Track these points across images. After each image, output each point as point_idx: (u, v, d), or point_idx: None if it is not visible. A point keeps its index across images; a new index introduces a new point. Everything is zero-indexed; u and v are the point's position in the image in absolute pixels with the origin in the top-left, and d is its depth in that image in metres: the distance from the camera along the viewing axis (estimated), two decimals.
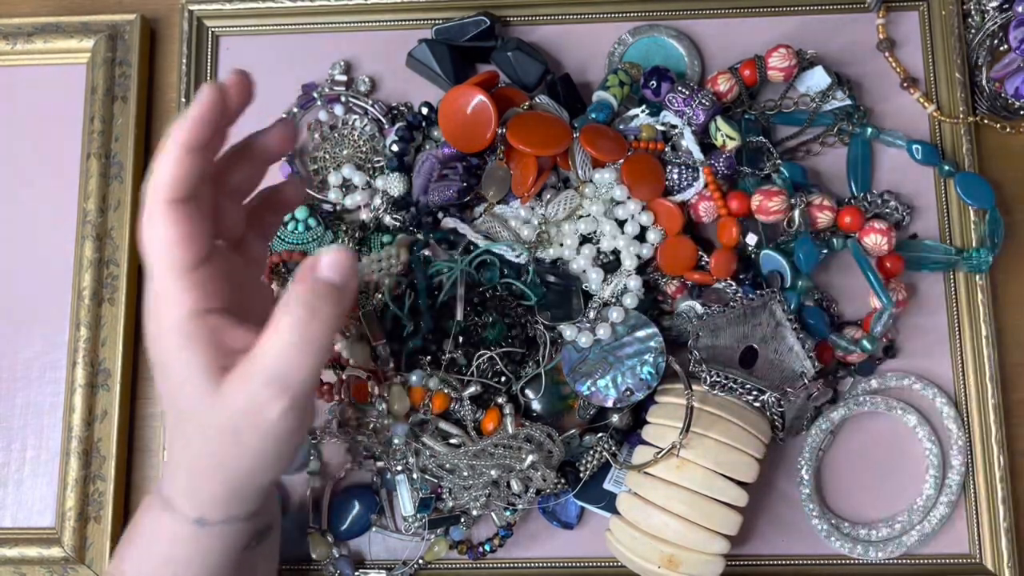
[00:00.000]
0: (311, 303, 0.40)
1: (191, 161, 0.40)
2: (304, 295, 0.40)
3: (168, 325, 0.40)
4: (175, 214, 0.40)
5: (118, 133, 0.64)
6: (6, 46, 0.65)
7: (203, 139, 0.40)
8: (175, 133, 0.40)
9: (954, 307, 0.60)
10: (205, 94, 0.40)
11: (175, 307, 0.40)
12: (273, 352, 0.39)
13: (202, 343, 0.40)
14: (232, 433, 0.40)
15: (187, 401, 0.41)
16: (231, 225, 0.45)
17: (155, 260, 0.40)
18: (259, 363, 0.39)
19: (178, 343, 0.40)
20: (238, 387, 0.40)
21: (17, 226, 0.64)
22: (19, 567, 0.59)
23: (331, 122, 0.63)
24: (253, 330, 0.41)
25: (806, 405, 0.56)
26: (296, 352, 0.39)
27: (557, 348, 0.57)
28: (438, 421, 0.55)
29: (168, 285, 0.40)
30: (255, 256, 0.47)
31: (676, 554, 0.51)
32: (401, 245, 0.58)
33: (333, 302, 0.40)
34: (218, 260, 0.42)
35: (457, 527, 0.57)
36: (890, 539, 0.57)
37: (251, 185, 0.46)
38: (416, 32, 0.64)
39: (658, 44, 0.64)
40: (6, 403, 0.61)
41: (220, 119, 0.41)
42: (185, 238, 0.40)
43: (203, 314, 0.41)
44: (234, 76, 0.42)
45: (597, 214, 0.57)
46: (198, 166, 0.40)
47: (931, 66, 0.63)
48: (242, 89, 0.42)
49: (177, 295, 0.40)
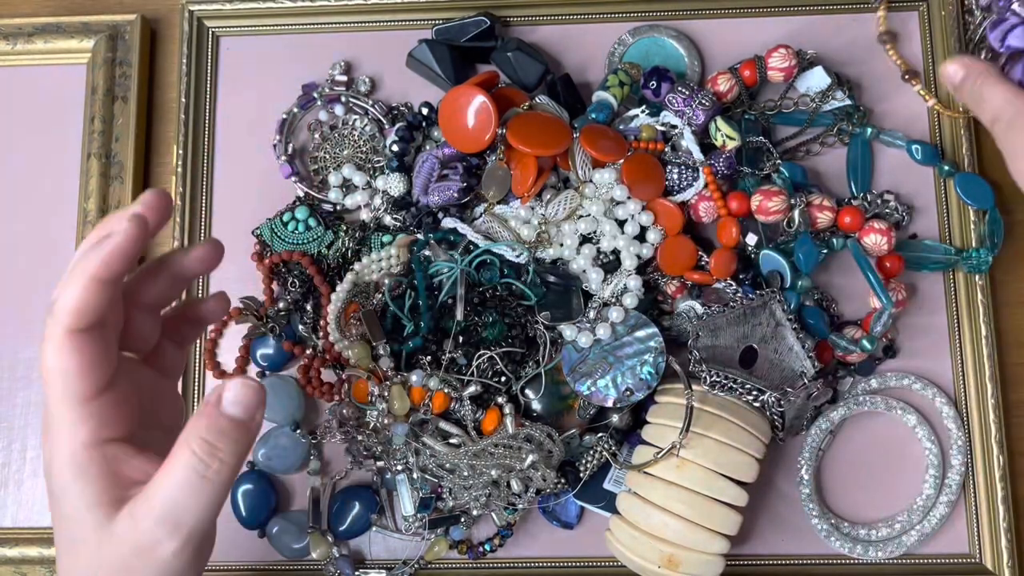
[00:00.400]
0: (211, 441, 0.38)
1: (100, 291, 0.38)
2: (204, 431, 0.38)
3: (62, 456, 0.39)
4: (76, 343, 0.38)
5: (118, 133, 0.64)
6: (6, 46, 0.65)
7: (118, 273, 0.38)
8: (86, 263, 0.38)
9: (954, 307, 0.60)
10: (126, 228, 0.38)
11: (69, 437, 0.38)
12: (167, 490, 0.38)
13: (95, 476, 0.38)
14: (124, 570, 0.38)
15: (78, 534, 0.39)
16: (144, 337, 0.43)
17: (51, 389, 0.38)
18: (152, 500, 0.38)
19: (71, 475, 0.38)
20: (130, 524, 0.38)
21: (17, 226, 0.64)
22: (19, 567, 0.59)
23: (331, 122, 0.63)
24: (154, 460, 0.40)
25: (806, 405, 0.56)
26: (191, 491, 0.38)
27: (557, 348, 0.57)
28: (438, 421, 0.55)
29: (64, 414, 0.38)
30: (169, 365, 0.45)
31: (676, 554, 0.51)
32: (401, 245, 0.58)
33: (234, 439, 0.38)
34: (123, 383, 0.40)
35: (457, 527, 0.57)
36: (890, 539, 0.58)
37: (168, 299, 0.44)
38: (416, 32, 0.64)
39: (658, 44, 0.64)
40: (6, 403, 0.61)
41: (138, 251, 0.39)
42: (85, 368, 0.38)
43: (99, 445, 0.39)
44: (152, 197, 0.40)
45: (597, 214, 0.57)
46: (107, 296, 0.38)
47: (931, 66, 0.63)
48: (161, 211, 0.40)
49: (72, 426, 0.38)
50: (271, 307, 0.60)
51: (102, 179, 0.63)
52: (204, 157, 0.64)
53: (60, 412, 0.38)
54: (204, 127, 0.64)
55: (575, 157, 0.58)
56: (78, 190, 0.63)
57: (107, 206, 0.63)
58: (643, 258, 0.58)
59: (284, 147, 0.63)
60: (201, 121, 0.64)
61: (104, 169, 0.63)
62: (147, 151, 0.65)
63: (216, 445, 0.38)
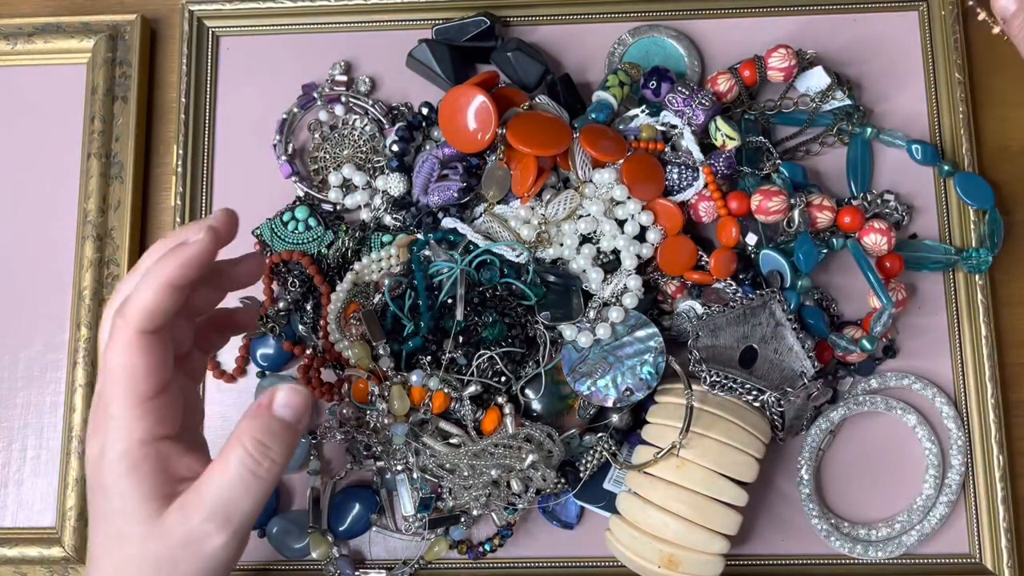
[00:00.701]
0: (263, 441, 0.40)
1: (172, 296, 0.40)
2: (257, 431, 0.40)
3: (116, 451, 0.40)
4: (145, 343, 0.40)
5: (118, 133, 0.64)
6: (6, 46, 0.65)
7: (190, 280, 0.40)
8: (161, 268, 0.40)
9: (954, 307, 0.60)
10: (203, 239, 0.41)
11: (126, 434, 0.40)
12: (219, 486, 0.40)
13: (148, 472, 0.40)
14: (170, 563, 0.40)
15: (124, 527, 0.40)
16: (180, 341, 0.45)
17: (114, 386, 0.40)
18: (204, 496, 0.40)
19: (124, 469, 0.40)
20: (180, 518, 0.40)
21: (17, 226, 0.64)
22: (19, 567, 0.59)
23: (331, 122, 0.63)
24: (200, 458, 0.42)
25: (806, 405, 0.56)
26: (242, 488, 0.40)
27: (557, 348, 0.57)
28: (438, 421, 0.55)
29: (123, 411, 0.40)
30: (195, 369, 0.47)
31: (676, 554, 0.51)
32: (401, 245, 0.58)
33: (284, 441, 0.41)
34: (173, 385, 0.42)
35: (457, 527, 0.57)
36: (890, 539, 0.58)
37: (210, 306, 0.46)
38: (416, 32, 0.64)
39: (658, 44, 0.64)
40: (6, 403, 0.61)
41: (210, 262, 0.41)
42: (150, 368, 0.40)
43: (153, 442, 0.41)
44: (224, 215, 0.42)
45: (597, 214, 0.57)
46: (177, 301, 0.40)
47: (931, 66, 0.63)
48: (230, 229, 0.42)
49: (131, 422, 0.40)
50: (271, 307, 0.60)
51: (102, 179, 0.63)
52: (204, 157, 0.64)
53: (119, 409, 0.40)
54: (204, 127, 0.64)
55: (575, 157, 0.58)
56: (78, 190, 0.63)
57: (107, 206, 0.63)
58: (643, 258, 0.58)
59: (284, 147, 0.63)
60: (201, 121, 0.64)
61: (104, 169, 0.63)
62: (147, 151, 0.65)
63: (268, 445, 0.40)
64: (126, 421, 0.40)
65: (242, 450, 0.40)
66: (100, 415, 0.41)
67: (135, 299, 0.40)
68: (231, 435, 0.41)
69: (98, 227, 0.62)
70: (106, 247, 0.62)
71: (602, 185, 0.58)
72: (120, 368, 0.40)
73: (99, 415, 0.41)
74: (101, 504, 0.41)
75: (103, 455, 0.41)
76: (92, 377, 0.60)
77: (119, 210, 0.63)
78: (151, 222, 0.64)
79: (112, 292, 0.43)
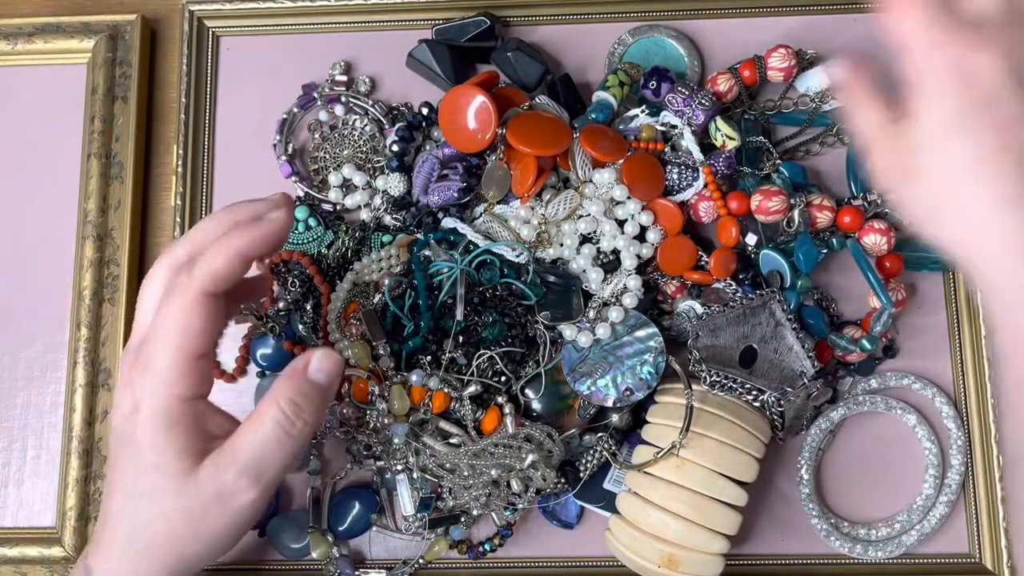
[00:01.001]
0: (298, 401, 0.42)
1: (241, 266, 0.42)
2: (292, 392, 0.42)
3: (155, 406, 0.41)
4: (207, 305, 0.41)
5: (118, 133, 0.64)
6: (6, 46, 0.65)
7: (261, 254, 0.42)
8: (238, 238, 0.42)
9: (954, 307, 0.60)
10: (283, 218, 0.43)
11: (168, 389, 0.41)
12: (252, 443, 0.42)
13: (186, 427, 0.42)
14: (200, 517, 0.42)
15: (156, 482, 0.42)
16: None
17: (167, 341, 0.41)
18: (238, 452, 0.41)
19: (163, 424, 0.41)
20: (213, 473, 0.41)
21: (17, 226, 0.64)
22: (20, 567, 0.59)
23: (331, 122, 0.63)
24: (230, 418, 0.44)
25: (806, 405, 0.56)
26: (275, 446, 0.42)
27: (557, 348, 0.57)
28: (438, 421, 0.55)
29: (170, 368, 0.41)
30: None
31: (676, 553, 0.51)
32: (401, 245, 0.58)
33: (317, 403, 0.43)
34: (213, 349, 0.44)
35: (457, 527, 0.57)
36: (890, 539, 0.58)
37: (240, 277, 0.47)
38: (416, 32, 0.64)
39: (658, 44, 0.64)
40: (6, 403, 0.61)
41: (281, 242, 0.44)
42: (206, 329, 0.41)
43: (192, 400, 0.42)
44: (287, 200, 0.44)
45: (597, 214, 0.57)
46: (244, 272, 0.42)
47: None
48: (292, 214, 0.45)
49: (175, 379, 0.41)
50: (271, 307, 0.60)
51: (102, 179, 0.63)
52: (204, 157, 0.64)
53: (165, 364, 0.41)
54: (204, 127, 0.64)
55: (575, 157, 0.58)
56: (78, 190, 0.63)
57: (107, 206, 0.63)
58: (643, 258, 0.58)
59: (284, 147, 0.63)
60: (201, 121, 0.64)
61: (104, 169, 0.63)
62: (147, 151, 0.65)
63: (301, 406, 0.42)
64: (170, 377, 0.41)
65: (277, 409, 0.42)
66: (137, 369, 0.42)
67: (207, 262, 0.41)
68: (266, 395, 0.42)
69: (98, 227, 0.62)
70: (106, 247, 0.62)
71: (602, 185, 0.58)
72: (175, 325, 0.41)
73: (136, 369, 0.42)
74: (130, 459, 0.42)
75: (137, 409, 0.41)
76: (92, 377, 0.60)
77: (119, 210, 0.63)
78: (151, 222, 0.64)
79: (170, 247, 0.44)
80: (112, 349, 0.61)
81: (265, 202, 0.44)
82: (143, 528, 0.42)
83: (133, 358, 0.43)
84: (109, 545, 0.44)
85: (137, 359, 0.42)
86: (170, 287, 0.42)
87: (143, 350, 0.42)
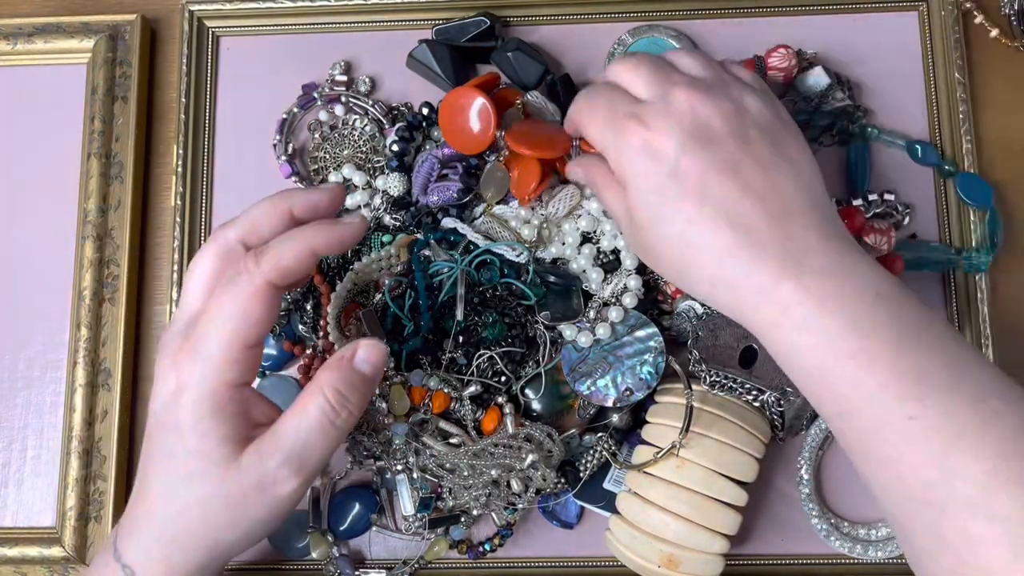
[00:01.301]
0: (342, 391, 0.42)
1: (310, 262, 0.42)
2: (338, 382, 0.42)
3: (202, 391, 0.41)
4: (269, 295, 0.41)
5: (118, 133, 0.64)
6: (6, 46, 0.65)
7: (331, 253, 0.43)
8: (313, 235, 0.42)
9: (954, 307, 0.60)
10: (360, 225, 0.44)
11: (218, 375, 0.41)
12: (297, 432, 0.41)
13: (232, 414, 0.41)
14: (239, 505, 0.41)
15: (198, 467, 0.41)
16: None
17: (221, 326, 0.41)
18: (282, 440, 0.41)
19: (209, 410, 0.41)
20: (255, 460, 0.41)
21: (17, 226, 0.64)
22: (20, 567, 0.59)
23: (331, 122, 0.63)
24: (274, 407, 0.44)
25: (806, 405, 0.56)
26: (319, 436, 0.41)
27: (557, 348, 0.57)
28: (438, 421, 0.55)
29: (222, 354, 0.41)
30: None
31: (676, 554, 0.51)
32: (401, 245, 0.58)
33: (361, 393, 0.43)
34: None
35: (457, 527, 0.57)
36: (890, 539, 0.58)
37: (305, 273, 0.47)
38: (416, 32, 0.64)
39: (658, 44, 0.64)
40: (6, 403, 0.61)
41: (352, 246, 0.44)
42: (263, 319, 0.41)
43: (240, 387, 0.42)
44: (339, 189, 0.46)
45: (597, 213, 0.57)
46: (310, 269, 0.43)
47: (931, 66, 0.63)
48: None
49: (226, 365, 0.41)
50: None
51: (102, 179, 0.63)
52: (204, 157, 0.64)
53: (218, 349, 0.41)
54: (204, 127, 0.64)
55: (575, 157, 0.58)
56: (78, 190, 0.63)
57: (107, 206, 0.63)
58: None
59: (284, 147, 0.63)
60: (201, 121, 0.64)
61: (104, 169, 0.63)
62: (147, 151, 0.65)
63: (347, 396, 0.42)
64: (222, 363, 0.41)
65: (323, 398, 0.41)
66: (186, 352, 0.41)
67: (277, 254, 0.41)
68: (309, 385, 0.42)
69: (98, 227, 0.62)
70: (106, 247, 0.62)
71: None
72: (234, 311, 0.41)
73: (184, 352, 0.41)
74: (170, 443, 0.42)
75: (182, 392, 0.41)
76: (92, 377, 0.60)
77: (119, 210, 0.63)
78: (151, 222, 0.64)
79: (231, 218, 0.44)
80: (112, 349, 0.61)
81: (321, 192, 0.44)
82: (180, 513, 0.42)
83: (181, 340, 0.42)
84: (143, 529, 0.43)
85: (186, 342, 0.42)
86: (235, 272, 0.41)
87: (194, 334, 0.41)
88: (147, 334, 0.63)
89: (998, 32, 0.63)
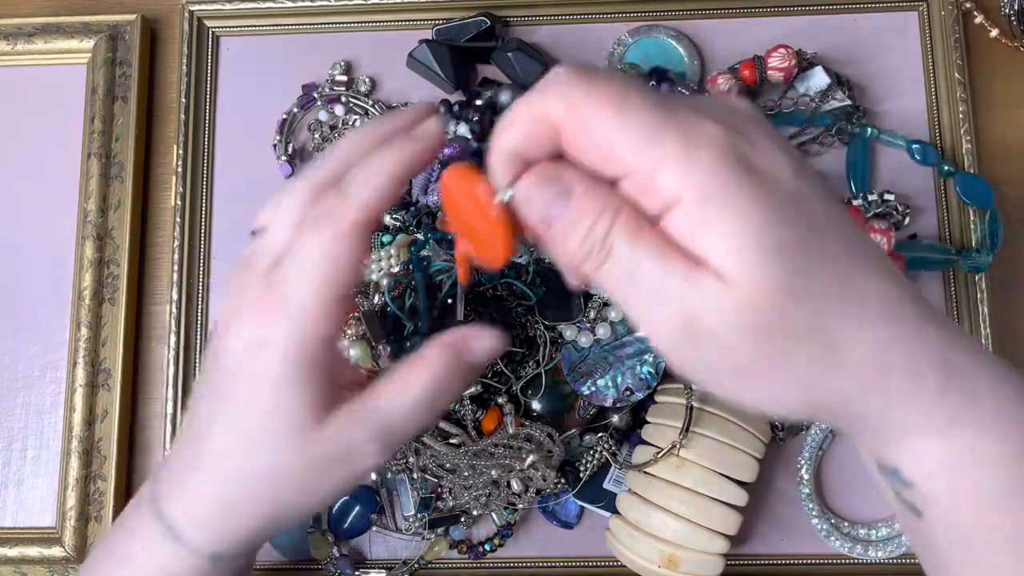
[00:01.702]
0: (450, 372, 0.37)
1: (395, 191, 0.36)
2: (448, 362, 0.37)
3: (289, 344, 0.36)
4: (358, 236, 0.36)
5: (118, 133, 0.64)
6: (6, 46, 0.65)
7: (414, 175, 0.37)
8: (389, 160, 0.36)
9: (954, 307, 0.60)
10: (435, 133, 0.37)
11: (309, 327, 0.36)
12: (395, 404, 0.37)
13: (320, 373, 0.36)
14: (314, 473, 0.37)
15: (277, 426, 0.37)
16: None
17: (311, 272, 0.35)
18: (374, 412, 0.37)
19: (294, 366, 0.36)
20: (344, 428, 0.37)
21: (17, 226, 0.64)
22: (20, 567, 0.59)
23: (331, 122, 0.63)
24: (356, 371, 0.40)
25: None
26: (415, 412, 0.37)
27: (557, 348, 0.57)
28: (438, 421, 0.55)
29: (315, 302, 0.35)
30: None
31: (676, 553, 0.51)
32: (401, 245, 0.58)
33: (465, 382, 0.38)
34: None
35: (457, 527, 0.57)
36: (890, 539, 0.58)
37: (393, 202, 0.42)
38: (416, 32, 0.64)
39: (658, 44, 0.64)
40: (6, 403, 0.61)
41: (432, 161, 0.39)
42: (354, 261, 0.36)
43: (329, 342, 0.36)
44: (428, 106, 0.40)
45: None
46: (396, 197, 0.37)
47: (931, 67, 0.63)
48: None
49: (319, 315, 0.35)
50: None
51: (102, 179, 0.63)
52: (204, 157, 0.64)
53: (310, 300, 0.35)
54: (204, 127, 0.64)
55: None
56: (78, 190, 0.63)
57: (107, 206, 0.63)
58: None
59: (284, 147, 0.63)
60: (201, 121, 0.64)
61: (104, 169, 0.63)
62: (147, 151, 0.65)
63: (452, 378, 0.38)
64: (314, 313, 0.35)
65: (432, 376, 0.37)
66: (271, 299, 0.36)
67: (358, 186, 0.36)
68: (415, 359, 0.37)
69: (98, 227, 0.62)
70: (106, 247, 0.62)
71: None
72: (323, 255, 0.35)
73: (269, 299, 0.36)
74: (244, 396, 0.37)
75: (264, 345, 0.36)
76: (92, 377, 0.60)
77: (119, 210, 0.63)
78: (151, 222, 0.64)
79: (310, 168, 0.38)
80: (112, 349, 0.61)
81: (408, 112, 0.38)
82: (245, 475, 0.38)
83: (265, 284, 0.36)
84: (196, 488, 0.39)
85: (271, 288, 0.36)
86: (318, 214, 0.36)
87: (279, 280, 0.36)
88: (147, 334, 0.62)
89: (998, 32, 0.63)
